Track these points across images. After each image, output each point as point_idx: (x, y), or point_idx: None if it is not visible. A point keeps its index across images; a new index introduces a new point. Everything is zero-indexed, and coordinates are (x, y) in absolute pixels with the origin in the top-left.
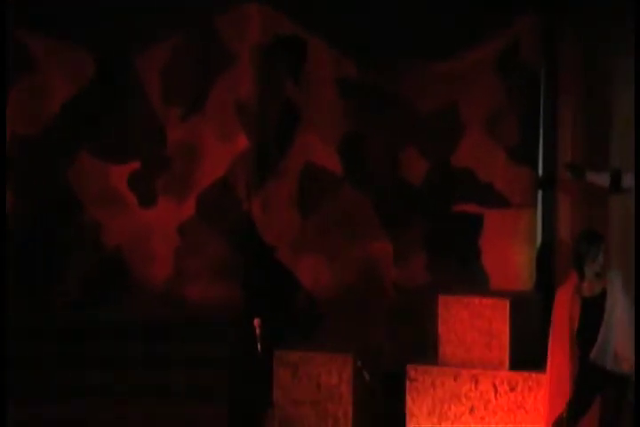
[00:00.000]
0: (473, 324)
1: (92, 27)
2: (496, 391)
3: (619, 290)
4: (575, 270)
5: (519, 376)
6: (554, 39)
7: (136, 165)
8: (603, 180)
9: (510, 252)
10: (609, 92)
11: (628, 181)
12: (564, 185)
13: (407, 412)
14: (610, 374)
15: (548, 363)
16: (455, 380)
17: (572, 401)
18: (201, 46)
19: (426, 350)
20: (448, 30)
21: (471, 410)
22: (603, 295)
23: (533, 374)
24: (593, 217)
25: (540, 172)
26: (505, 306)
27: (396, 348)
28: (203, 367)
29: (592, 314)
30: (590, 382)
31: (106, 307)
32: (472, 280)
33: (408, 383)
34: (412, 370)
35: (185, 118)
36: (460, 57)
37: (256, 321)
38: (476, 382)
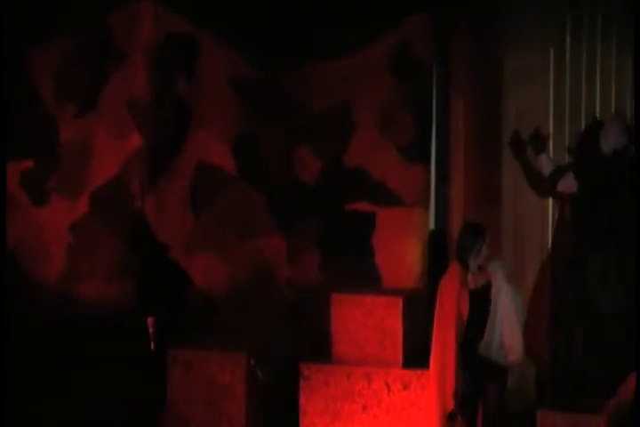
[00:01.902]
0: (366, 322)
1: None
2: (389, 389)
3: (502, 281)
4: (459, 263)
5: (412, 374)
6: (447, 38)
7: (29, 163)
8: (547, 169)
9: (403, 250)
10: (501, 91)
11: (562, 185)
12: (457, 184)
13: (300, 410)
14: (496, 366)
15: (432, 356)
16: (348, 378)
17: (458, 395)
18: (93, 45)
19: (319, 348)
20: (342, 29)
21: (364, 408)
22: (487, 287)
23: (426, 372)
24: (486, 215)
25: (433, 170)
26: (397, 304)
27: (289, 346)
28: (98, 366)
29: (479, 306)
30: (478, 375)
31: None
32: (365, 279)
33: (302, 382)
34: (305, 368)
35: (78, 117)
36: (352, 56)
37: (149, 320)
38: (369, 381)
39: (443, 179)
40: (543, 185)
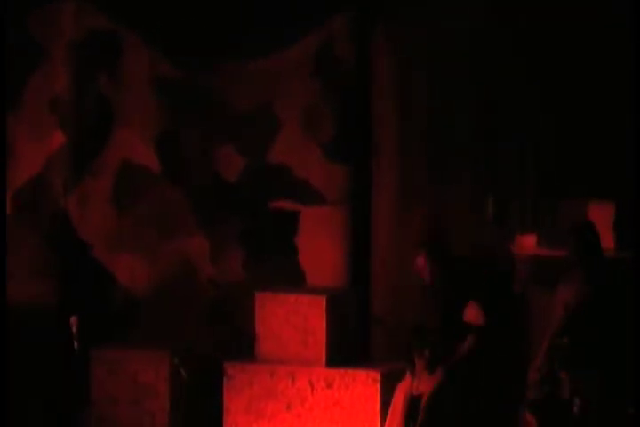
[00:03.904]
0: (289, 321)
1: None
2: (313, 388)
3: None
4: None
5: (336, 373)
6: (368, 37)
7: None
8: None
9: (326, 248)
10: (423, 89)
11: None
12: (381, 182)
13: (224, 409)
14: None
15: None
16: (272, 377)
17: None
18: (13, 43)
19: (243, 347)
20: (264, 29)
21: (288, 407)
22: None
23: (350, 371)
24: (409, 212)
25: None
26: (321, 303)
27: (213, 345)
28: (21, 366)
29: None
30: None
31: None
32: (289, 277)
33: (225, 380)
34: (228, 367)
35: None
36: (274, 56)
37: (72, 319)
38: (293, 379)
39: (366, 177)
40: None
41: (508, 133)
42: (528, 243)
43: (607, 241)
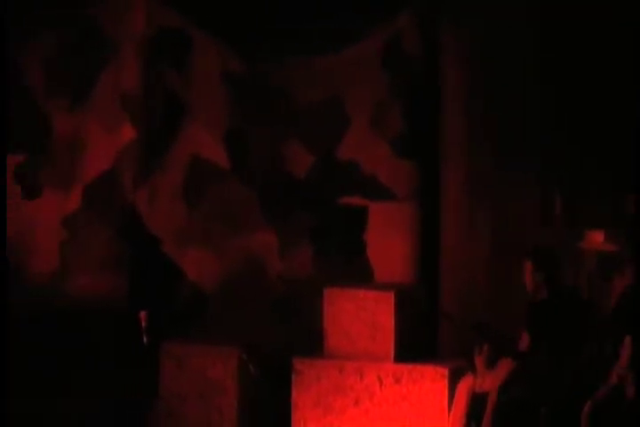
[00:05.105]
0: (358, 316)
1: None
2: (381, 384)
3: None
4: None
5: (404, 369)
6: (436, 35)
7: (20, 157)
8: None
9: (394, 244)
10: (492, 85)
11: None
12: (449, 178)
13: (292, 404)
14: None
15: None
16: (340, 372)
17: None
18: (84, 38)
19: (311, 342)
20: (331, 25)
21: (356, 402)
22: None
23: (418, 367)
24: (476, 209)
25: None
26: (389, 298)
27: (281, 340)
28: (90, 361)
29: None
30: None
31: None
32: (357, 273)
33: (293, 376)
34: (297, 362)
35: (70, 110)
36: (343, 52)
37: (142, 314)
38: (361, 375)
39: (434, 174)
40: None
41: (574, 132)
42: (596, 239)
43: None
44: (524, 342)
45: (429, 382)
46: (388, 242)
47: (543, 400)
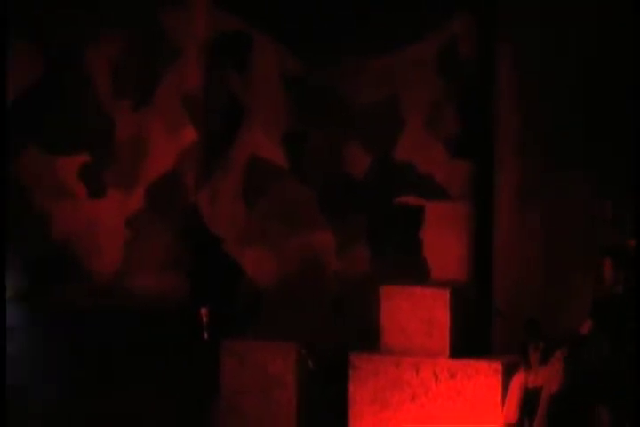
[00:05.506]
0: (414, 313)
1: (40, 24)
2: (436, 379)
3: None
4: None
5: (459, 364)
6: (492, 37)
7: (85, 157)
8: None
9: (450, 243)
10: (543, 91)
11: None
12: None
13: (349, 399)
14: None
15: None
16: (397, 367)
17: None
18: (148, 40)
19: (368, 338)
20: (389, 28)
21: (412, 397)
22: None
23: (473, 362)
24: (529, 209)
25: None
26: (445, 295)
27: (338, 336)
28: (153, 357)
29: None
30: None
31: (52, 298)
32: (413, 271)
33: (351, 371)
34: (354, 358)
35: (134, 111)
36: (399, 53)
37: (203, 310)
38: (417, 370)
39: (488, 174)
40: None
41: (624, 134)
42: None
43: None
44: (586, 328)
45: (483, 377)
46: (443, 241)
47: (597, 396)
